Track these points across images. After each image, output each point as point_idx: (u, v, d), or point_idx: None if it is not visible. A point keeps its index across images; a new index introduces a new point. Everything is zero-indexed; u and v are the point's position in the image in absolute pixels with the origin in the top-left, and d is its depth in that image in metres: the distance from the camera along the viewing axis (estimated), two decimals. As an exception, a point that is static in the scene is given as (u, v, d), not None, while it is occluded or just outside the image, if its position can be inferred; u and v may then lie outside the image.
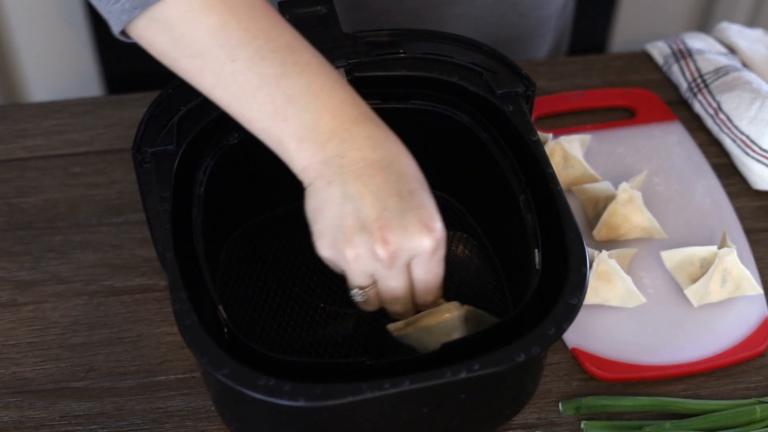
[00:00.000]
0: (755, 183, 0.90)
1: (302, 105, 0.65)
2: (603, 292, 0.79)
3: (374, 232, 0.64)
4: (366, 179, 0.65)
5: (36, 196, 0.88)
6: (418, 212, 0.65)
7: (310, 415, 0.63)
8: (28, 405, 0.74)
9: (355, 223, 0.64)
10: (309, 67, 0.66)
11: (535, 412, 0.74)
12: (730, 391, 0.76)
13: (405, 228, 0.64)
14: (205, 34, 0.63)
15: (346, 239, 0.64)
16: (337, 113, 0.65)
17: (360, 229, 0.64)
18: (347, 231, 0.64)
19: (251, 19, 0.64)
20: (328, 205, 0.65)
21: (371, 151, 0.65)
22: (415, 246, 0.65)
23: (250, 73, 0.64)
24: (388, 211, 0.64)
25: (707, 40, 1.01)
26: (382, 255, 0.64)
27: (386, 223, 0.64)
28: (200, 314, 0.63)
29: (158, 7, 0.63)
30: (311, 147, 0.65)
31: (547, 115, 0.96)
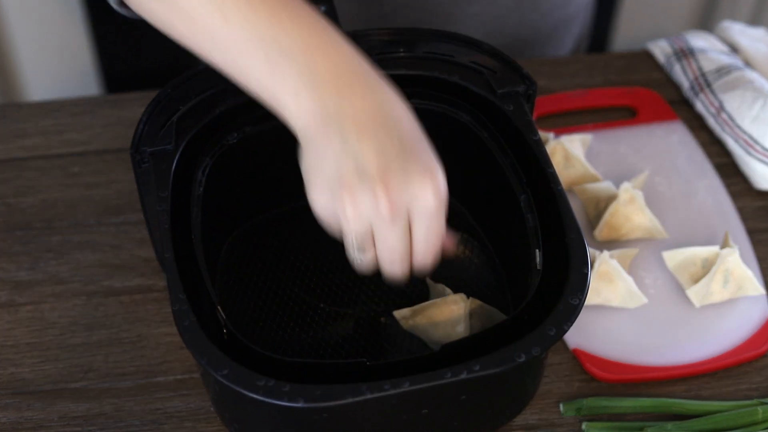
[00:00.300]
0: (757, 183, 0.90)
1: (299, 58, 0.64)
2: (604, 292, 0.79)
3: (376, 181, 0.61)
4: (367, 131, 0.63)
5: (34, 196, 0.88)
6: (420, 162, 0.63)
7: (309, 416, 0.63)
8: (27, 406, 0.74)
9: (356, 173, 0.62)
10: (304, 20, 0.65)
11: (536, 413, 0.74)
12: (732, 392, 0.76)
13: (407, 177, 0.62)
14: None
15: (346, 189, 0.62)
16: (335, 65, 0.64)
17: (360, 179, 0.62)
18: (347, 181, 0.62)
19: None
20: (327, 157, 0.63)
21: (372, 103, 0.64)
22: (418, 195, 0.62)
23: (245, 31, 0.63)
24: (389, 161, 0.62)
25: (709, 39, 1.01)
26: (384, 204, 0.62)
27: (388, 173, 0.62)
28: (199, 315, 0.62)
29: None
30: (310, 100, 0.63)
31: (548, 115, 0.96)
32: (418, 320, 0.74)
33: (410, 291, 0.78)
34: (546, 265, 0.68)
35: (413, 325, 0.74)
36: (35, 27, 1.30)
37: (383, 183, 0.62)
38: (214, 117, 0.73)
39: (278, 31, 0.64)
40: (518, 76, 0.75)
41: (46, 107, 0.96)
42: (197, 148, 0.72)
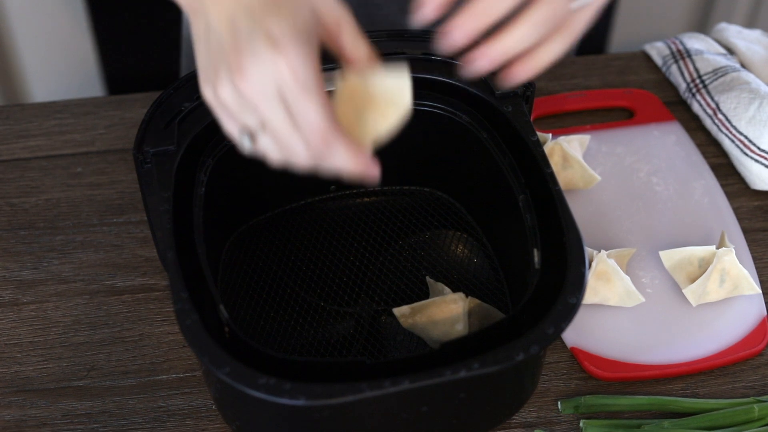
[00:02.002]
0: (753, 183, 0.90)
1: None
2: (602, 291, 0.79)
3: (231, 61, 0.57)
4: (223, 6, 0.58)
5: (37, 196, 0.88)
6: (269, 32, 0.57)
7: (310, 414, 0.63)
8: (30, 404, 0.74)
9: (220, 55, 0.57)
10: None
11: (534, 411, 0.74)
12: (728, 390, 0.76)
13: (254, 52, 0.56)
14: None
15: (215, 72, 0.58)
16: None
17: (223, 60, 0.57)
18: (215, 63, 0.58)
19: None
20: (199, 37, 0.59)
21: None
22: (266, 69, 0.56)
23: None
24: (239, 37, 0.57)
25: (706, 41, 1.01)
26: (241, 82, 0.57)
27: (240, 50, 0.56)
28: (201, 313, 0.63)
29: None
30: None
31: (546, 116, 0.96)
32: (417, 319, 0.74)
33: (410, 290, 0.78)
34: (544, 265, 0.68)
35: (413, 324, 0.75)
36: (39, 28, 1.30)
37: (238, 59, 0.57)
38: (216, 118, 0.73)
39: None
40: (517, 78, 0.75)
41: (49, 108, 0.96)
42: (199, 149, 0.73)
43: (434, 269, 0.79)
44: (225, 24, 0.57)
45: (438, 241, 0.81)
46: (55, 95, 1.30)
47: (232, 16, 0.57)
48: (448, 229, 0.82)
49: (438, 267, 0.79)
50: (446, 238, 0.81)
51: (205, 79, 0.60)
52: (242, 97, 0.58)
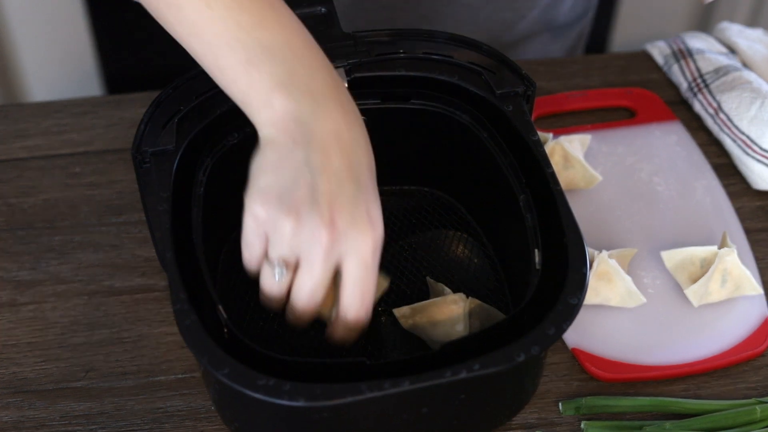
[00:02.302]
0: (755, 183, 0.90)
1: (278, 58, 0.63)
2: (603, 292, 0.79)
3: (324, 211, 0.61)
4: (331, 155, 0.62)
5: (36, 196, 0.88)
6: (369, 207, 0.63)
7: (309, 415, 0.63)
8: (28, 405, 0.74)
9: (308, 193, 0.61)
10: (287, 24, 0.65)
11: (535, 412, 0.74)
12: (730, 391, 0.76)
13: (353, 218, 0.61)
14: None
15: (294, 205, 0.61)
16: (313, 73, 0.63)
17: (311, 202, 0.61)
18: (297, 198, 0.61)
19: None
20: (287, 164, 0.62)
21: (343, 127, 0.63)
22: (357, 238, 0.62)
23: (228, 21, 0.63)
24: (343, 195, 0.61)
25: (707, 40, 1.01)
26: (327, 233, 0.61)
27: (338, 207, 0.61)
28: (200, 314, 0.63)
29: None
30: (284, 99, 0.62)
31: (547, 115, 0.96)
32: (417, 319, 0.74)
33: (410, 290, 0.78)
34: (545, 265, 0.68)
35: (413, 325, 0.74)
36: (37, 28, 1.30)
37: (330, 217, 0.61)
38: (215, 117, 0.73)
39: (261, 29, 0.63)
40: (517, 77, 0.75)
41: (47, 108, 0.96)
42: (198, 149, 0.73)
43: (434, 269, 0.79)
44: (330, 174, 0.61)
45: (438, 241, 0.81)
46: (54, 95, 1.30)
47: (338, 172, 0.61)
48: (449, 229, 0.82)
49: (438, 267, 0.79)
50: (446, 238, 0.81)
51: (266, 201, 0.62)
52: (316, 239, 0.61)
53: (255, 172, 0.64)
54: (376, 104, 0.77)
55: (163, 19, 0.66)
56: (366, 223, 0.62)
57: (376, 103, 0.76)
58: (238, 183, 0.77)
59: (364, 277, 0.63)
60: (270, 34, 0.63)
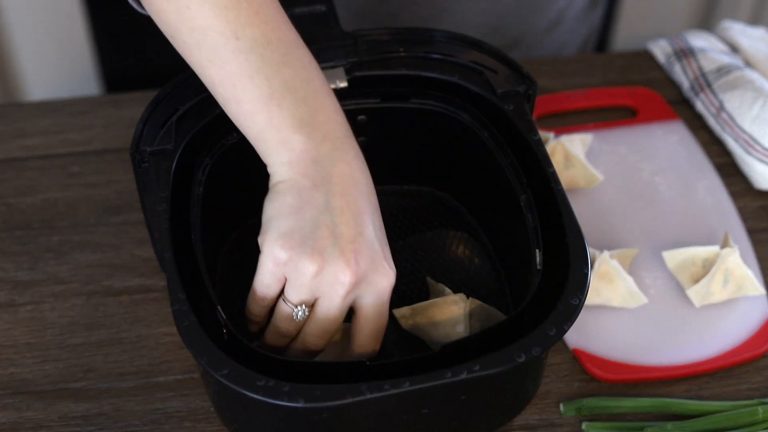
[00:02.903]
0: (757, 183, 0.90)
1: (301, 97, 0.63)
2: (604, 292, 0.79)
3: (347, 253, 0.62)
4: (350, 199, 0.63)
5: (34, 195, 0.88)
6: (384, 249, 0.65)
7: (309, 416, 0.63)
8: (27, 406, 0.74)
9: (330, 236, 0.62)
10: (311, 65, 0.65)
11: (536, 413, 0.74)
12: (732, 392, 0.75)
13: (373, 260, 0.63)
14: (212, 8, 0.62)
15: (317, 248, 0.62)
16: (331, 118, 0.64)
17: (333, 245, 0.62)
18: (320, 241, 0.62)
19: (261, 4, 0.63)
20: (307, 208, 0.62)
21: (357, 171, 0.64)
22: (376, 280, 0.64)
23: (253, 54, 0.62)
24: (363, 238, 0.63)
25: (709, 39, 1.01)
26: (349, 275, 0.62)
27: (359, 249, 0.63)
28: (199, 315, 0.62)
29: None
30: (305, 141, 0.63)
31: (548, 114, 0.96)
32: (417, 320, 0.74)
33: (410, 290, 0.78)
34: (546, 265, 0.68)
35: (413, 325, 0.74)
36: (35, 27, 1.30)
37: (355, 256, 0.62)
38: (214, 117, 0.72)
39: (286, 67, 0.63)
40: (518, 76, 0.75)
41: (46, 107, 0.96)
42: (197, 148, 0.72)
43: (435, 270, 0.79)
44: (349, 218, 0.63)
45: (438, 241, 0.81)
46: (52, 94, 1.30)
47: (357, 216, 0.63)
48: (449, 229, 0.82)
49: (438, 267, 0.79)
50: (447, 238, 0.81)
51: (289, 244, 0.62)
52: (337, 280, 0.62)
53: (273, 215, 0.64)
54: (376, 103, 0.76)
55: (182, 42, 0.65)
56: (385, 265, 0.64)
57: (376, 102, 0.76)
58: (238, 183, 0.77)
59: (379, 315, 0.65)
60: (294, 72, 0.63)
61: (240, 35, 0.62)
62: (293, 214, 0.63)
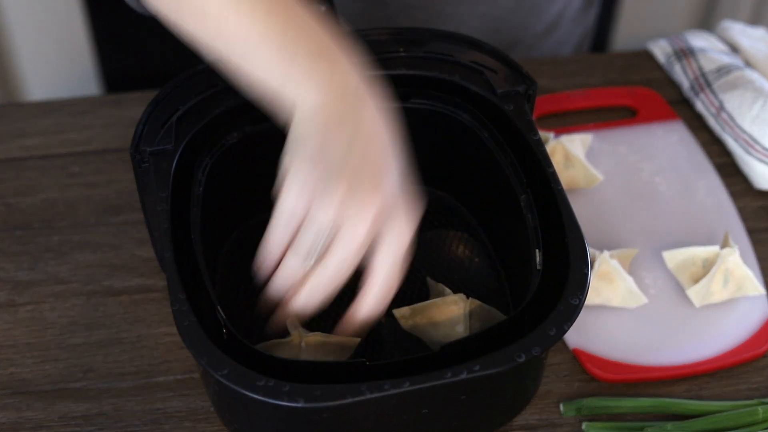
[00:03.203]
0: (757, 183, 0.90)
1: (314, 50, 0.63)
2: (604, 292, 0.79)
3: (377, 180, 0.62)
4: (374, 142, 0.63)
5: (34, 195, 0.88)
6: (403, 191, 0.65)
7: (309, 416, 0.63)
8: (26, 406, 0.74)
9: (361, 160, 0.62)
10: (317, 26, 0.65)
11: (536, 413, 0.74)
12: (732, 392, 0.75)
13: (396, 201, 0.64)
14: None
15: (349, 170, 0.61)
16: (346, 69, 0.64)
17: (363, 170, 0.62)
18: (352, 163, 0.62)
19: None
20: (339, 129, 0.62)
21: (381, 116, 0.64)
22: (402, 214, 0.64)
23: (257, 24, 0.63)
24: (391, 169, 0.63)
25: (709, 39, 1.01)
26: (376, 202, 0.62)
27: (388, 179, 0.63)
28: (199, 315, 0.62)
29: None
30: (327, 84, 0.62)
31: (548, 114, 0.96)
32: (417, 320, 0.74)
33: (410, 291, 0.78)
34: (546, 265, 0.68)
35: (413, 325, 0.74)
36: (35, 27, 1.30)
37: (384, 184, 0.62)
38: (214, 117, 0.73)
39: (290, 28, 0.63)
40: (518, 76, 0.75)
41: (45, 107, 0.96)
42: (197, 148, 0.72)
43: (435, 270, 0.79)
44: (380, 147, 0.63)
45: (438, 241, 0.81)
46: (52, 94, 1.30)
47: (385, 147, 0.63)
48: (449, 229, 0.82)
49: (438, 268, 0.79)
50: (447, 238, 0.81)
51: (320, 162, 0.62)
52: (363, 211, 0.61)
53: (297, 157, 0.62)
54: (376, 103, 0.76)
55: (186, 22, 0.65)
56: (406, 206, 0.65)
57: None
58: (238, 183, 0.77)
59: (393, 273, 0.65)
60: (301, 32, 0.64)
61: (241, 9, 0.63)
62: (316, 154, 0.62)
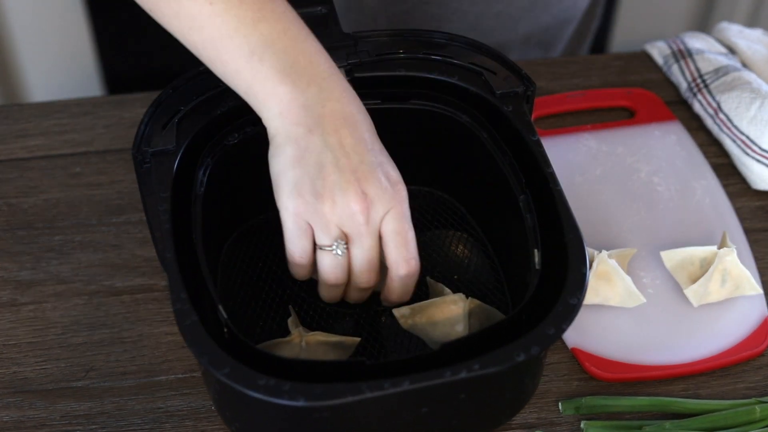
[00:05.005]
0: (755, 183, 0.90)
1: (280, 48, 0.65)
2: (603, 291, 0.79)
3: (353, 184, 0.64)
4: (344, 132, 0.65)
5: (36, 196, 0.88)
6: (387, 170, 0.67)
7: (310, 415, 0.63)
8: (29, 405, 0.74)
9: (336, 173, 0.64)
10: (285, 15, 0.66)
11: (535, 412, 0.74)
12: (729, 391, 0.76)
13: (379, 182, 0.66)
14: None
15: (326, 188, 0.64)
16: (313, 61, 0.66)
17: (339, 180, 0.64)
18: (328, 181, 0.64)
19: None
20: (308, 153, 0.64)
21: (348, 105, 0.66)
22: (388, 199, 0.66)
23: (228, 15, 0.65)
24: (364, 165, 0.65)
25: (707, 40, 1.01)
26: (358, 204, 0.65)
27: (364, 177, 0.65)
28: (200, 314, 0.63)
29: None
30: (290, 89, 0.65)
31: (547, 115, 0.96)
32: (417, 319, 0.74)
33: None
34: (545, 265, 0.68)
35: (413, 325, 0.74)
36: (37, 28, 1.30)
37: (360, 185, 0.64)
38: (215, 117, 0.73)
39: (261, 22, 0.65)
40: (517, 77, 0.75)
41: (48, 108, 0.96)
42: (198, 149, 0.73)
43: (434, 270, 0.79)
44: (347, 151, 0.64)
45: (438, 241, 0.81)
46: (54, 95, 1.30)
47: (354, 147, 0.65)
48: (449, 229, 0.82)
49: (438, 267, 0.79)
50: (446, 238, 0.81)
51: (301, 194, 0.65)
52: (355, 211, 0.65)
53: (279, 170, 0.66)
54: (376, 104, 0.77)
55: (162, 15, 0.67)
56: (390, 184, 0.66)
57: (376, 103, 0.76)
58: (239, 183, 0.77)
59: (402, 228, 0.67)
60: (269, 26, 0.65)
61: (213, 1, 0.64)
62: (296, 163, 0.65)
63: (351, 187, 0.64)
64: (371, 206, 0.65)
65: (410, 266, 0.69)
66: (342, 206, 0.65)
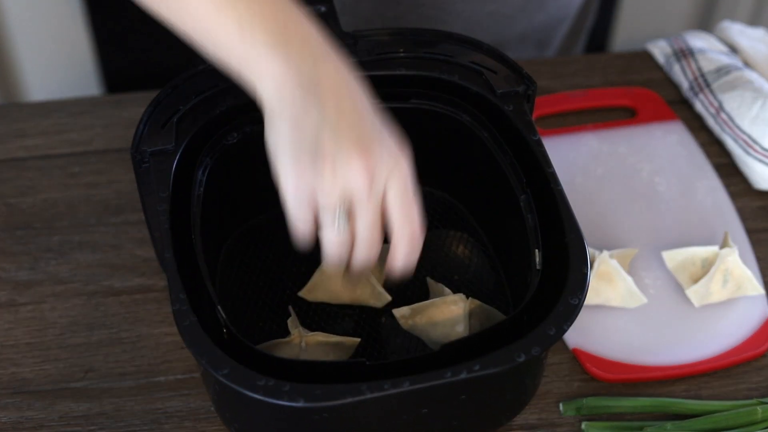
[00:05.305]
0: (757, 183, 0.90)
1: (271, 24, 0.64)
2: (604, 292, 0.79)
3: (353, 146, 0.63)
4: (341, 100, 0.64)
5: (34, 196, 0.88)
6: (387, 131, 0.65)
7: (309, 416, 0.63)
8: (27, 405, 0.74)
9: (334, 139, 0.63)
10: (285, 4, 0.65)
11: (536, 413, 0.74)
12: (731, 392, 0.76)
13: (381, 143, 0.64)
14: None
15: (326, 154, 0.63)
16: (304, 29, 0.65)
17: (339, 145, 0.63)
18: (326, 147, 0.63)
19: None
20: (305, 122, 0.63)
21: (341, 72, 0.65)
22: (393, 165, 0.64)
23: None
24: (365, 129, 0.64)
25: (709, 40, 1.01)
26: (361, 163, 0.63)
27: (365, 138, 0.63)
28: (199, 314, 0.62)
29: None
30: (284, 62, 0.63)
31: (548, 115, 0.96)
32: (417, 320, 0.74)
33: (410, 291, 0.78)
34: (546, 265, 0.68)
35: (413, 325, 0.74)
36: (36, 27, 1.30)
37: (361, 146, 0.63)
38: (214, 117, 0.73)
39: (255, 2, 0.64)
40: (518, 76, 0.75)
41: (46, 107, 0.96)
42: (197, 148, 0.72)
43: (434, 270, 0.79)
44: (346, 116, 0.63)
45: (438, 241, 0.81)
46: (52, 94, 1.30)
47: (352, 113, 0.64)
48: (449, 229, 0.82)
49: (438, 268, 0.79)
50: (447, 238, 0.81)
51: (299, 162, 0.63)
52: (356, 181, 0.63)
53: (276, 143, 0.64)
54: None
55: (151, 1, 0.66)
56: (393, 145, 0.65)
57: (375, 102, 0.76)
58: (238, 182, 0.77)
59: (406, 189, 0.65)
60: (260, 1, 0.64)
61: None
62: (294, 130, 0.63)
63: (353, 150, 0.63)
64: (376, 167, 0.63)
65: (414, 227, 0.66)
66: (343, 170, 0.63)
